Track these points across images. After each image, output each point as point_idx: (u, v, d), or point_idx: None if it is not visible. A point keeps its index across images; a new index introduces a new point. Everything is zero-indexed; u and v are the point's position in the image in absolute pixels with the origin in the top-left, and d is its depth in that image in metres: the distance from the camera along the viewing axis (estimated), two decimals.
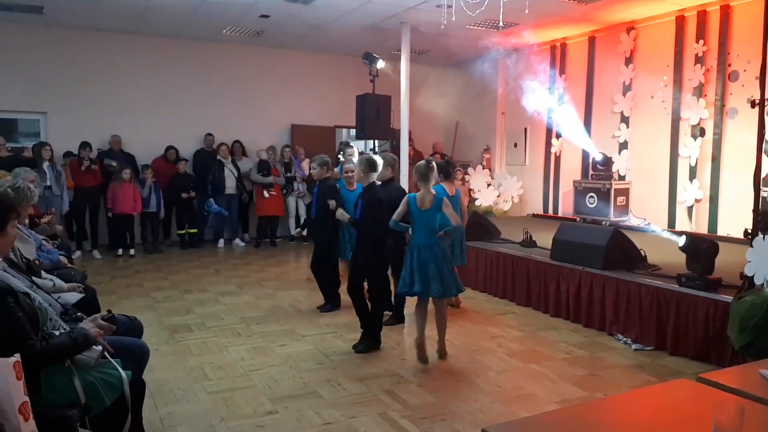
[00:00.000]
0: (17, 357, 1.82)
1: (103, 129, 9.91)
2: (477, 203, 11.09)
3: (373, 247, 4.89)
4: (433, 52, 11.38)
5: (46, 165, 8.45)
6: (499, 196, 11.26)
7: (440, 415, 3.74)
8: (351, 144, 7.62)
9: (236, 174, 10.28)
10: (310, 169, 7.27)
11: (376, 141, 9.34)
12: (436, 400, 3.97)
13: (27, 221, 4.90)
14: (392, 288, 5.69)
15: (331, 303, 6.20)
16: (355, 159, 6.70)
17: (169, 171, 9.92)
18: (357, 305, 5.01)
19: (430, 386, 4.22)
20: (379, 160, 5.09)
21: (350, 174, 5.99)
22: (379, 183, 5.61)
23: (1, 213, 2.45)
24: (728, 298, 4.46)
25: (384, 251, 5.00)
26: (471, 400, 4.00)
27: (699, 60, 8.29)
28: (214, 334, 5.40)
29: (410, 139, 10.43)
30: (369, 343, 4.96)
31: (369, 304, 5.04)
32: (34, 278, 3.37)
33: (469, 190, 11.20)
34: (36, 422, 1.85)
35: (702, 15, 8.25)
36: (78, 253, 9.10)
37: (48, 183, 8.38)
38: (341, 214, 5.09)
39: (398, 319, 5.80)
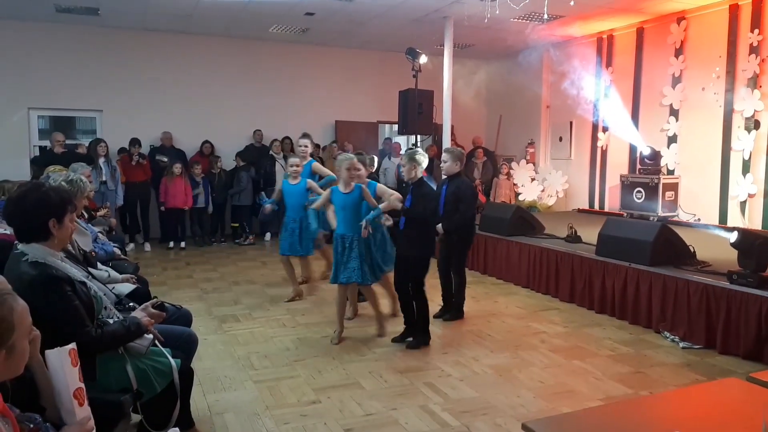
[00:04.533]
0: (73, 345, 1.92)
1: (155, 126, 10.23)
2: (521, 198, 10.97)
3: (418, 240, 4.88)
4: (477, 46, 11.30)
5: (101, 161, 8.80)
6: (543, 190, 11.11)
7: (481, 410, 3.75)
8: (305, 135, 7.33)
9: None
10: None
11: (419, 136, 9.35)
12: (477, 395, 3.98)
13: (85, 215, 5.12)
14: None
15: None
16: (309, 150, 6.69)
17: (206, 165, 10.11)
18: (404, 301, 5.01)
19: (472, 380, 4.23)
20: (425, 155, 5.08)
21: (295, 168, 6.18)
22: (445, 177, 5.64)
23: (59, 206, 2.56)
24: None
25: (429, 245, 5.01)
26: (513, 395, 3.99)
27: (754, 50, 7.99)
28: (260, 324, 5.54)
29: (452, 133, 10.39)
30: (420, 339, 4.96)
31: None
32: (90, 269, 3.51)
33: (513, 184, 11.10)
34: (91, 405, 1.95)
35: (757, 3, 7.95)
36: (131, 245, 9.42)
37: (103, 178, 8.74)
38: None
39: (459, 314, 5.80)
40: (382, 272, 5.40)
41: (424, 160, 4.98)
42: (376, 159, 6.54)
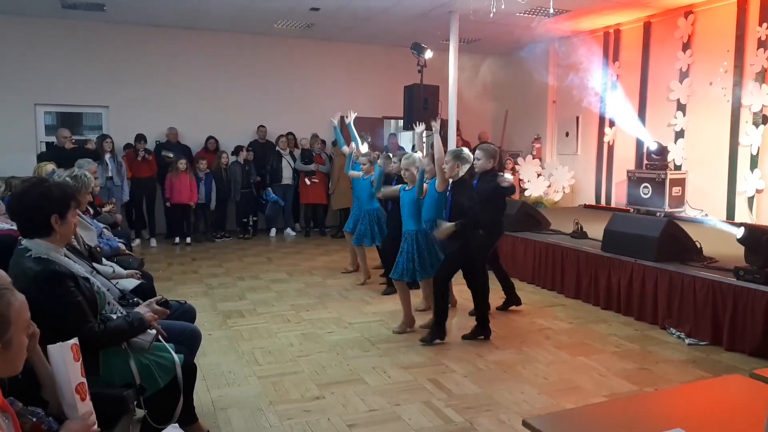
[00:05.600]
0: (75, 340, 1.92)
1: (161, 121, 10.24)
2: (527, 193, 10.94)
3: (461, 237, 4.79)
4: (483, 41, 11.25)
5: (107, 157, 8.83)
6: (549, 186, 11.07)
7: (485, 406, 3.75)
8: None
9: (293, 165, 10.50)
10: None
11: (424, 131, 9.31)
12: (480, 391, 3.98)
13: (90, 211, 5.14)
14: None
15: None
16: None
17: (210, 160, 10.12)
18: (438, 298, 4.94)
19: (475, 376, 4.23)
20: (470, 154, 4.99)
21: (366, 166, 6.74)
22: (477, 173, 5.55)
23: (61, 201, 2.57)
24: None
25: (482, 243, 4.97)
26: (517, 391, 3.98)
27: (762, 44, 7.92)
28: (264, 320, 5.55)
29: (458, 129, 10.37)
30: (435, 334, 4.91)
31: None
32: (94, 264, 3.53)
33: (519, 180, 11.07)
34: (94, 400, 1.95)
35: None
36: (137, 241, 9.46)
37: (110, 174, 8.77)
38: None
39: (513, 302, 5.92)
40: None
41: (470, 158, 4.90)
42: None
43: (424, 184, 5.13)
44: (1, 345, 1.53)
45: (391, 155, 6.85)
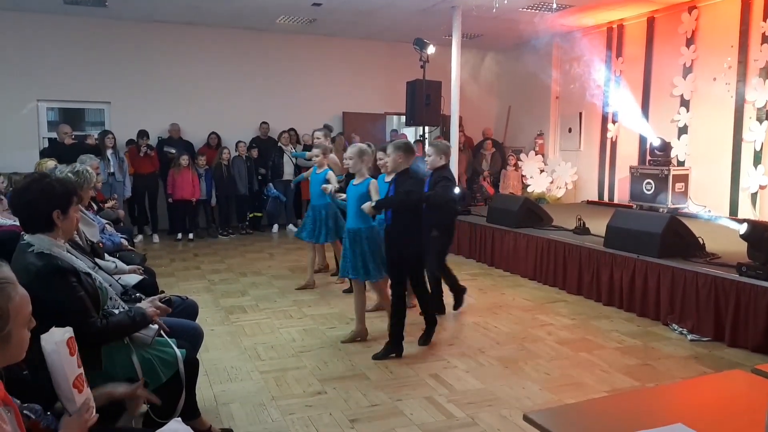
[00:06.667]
0: (71, 333, 1.91)
1: (163, 118, 10.26)
2: (529, 189, 10.93)
3: (405, 234, 4.45)
4: (485, 36, 11.23)
5: (109, 153, 8.85)
6: (552, 182, 11.06)
7: (487, 401, 3.75)
8: (324, 127, 7.55)
9: (294, 161, 10.50)
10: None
11: (426, 127, 9.31)
12: (482, 386, 3.98)
13: (93, 206, 5.15)
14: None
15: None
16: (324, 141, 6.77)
17: (212, 157, 10.14)
18: (398, 308, 4.61)
19: (477, 372, 4.23)
20: (411, 145, 4.71)
21: (315, 158, 6.36)
22: (429, 170, 5.51)
23: (63, 197, 2.56)
24: None
25: (418, 238, 4.55)
26: (518, 387, 3.98)
27: (766, 39, 7.89)
28: (266, 315, 5.56)
29: (460, 125, 10.35)
30: (389, 349, 4.51)
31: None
32: (97, 260, 3.53)
33: (522, 176, 11.06)
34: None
35: None
36: (140, 236, 9.47)
37: (111, 170, 8.78)
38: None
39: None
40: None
41: (414, 153, 4.57)
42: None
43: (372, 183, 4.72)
44: None
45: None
